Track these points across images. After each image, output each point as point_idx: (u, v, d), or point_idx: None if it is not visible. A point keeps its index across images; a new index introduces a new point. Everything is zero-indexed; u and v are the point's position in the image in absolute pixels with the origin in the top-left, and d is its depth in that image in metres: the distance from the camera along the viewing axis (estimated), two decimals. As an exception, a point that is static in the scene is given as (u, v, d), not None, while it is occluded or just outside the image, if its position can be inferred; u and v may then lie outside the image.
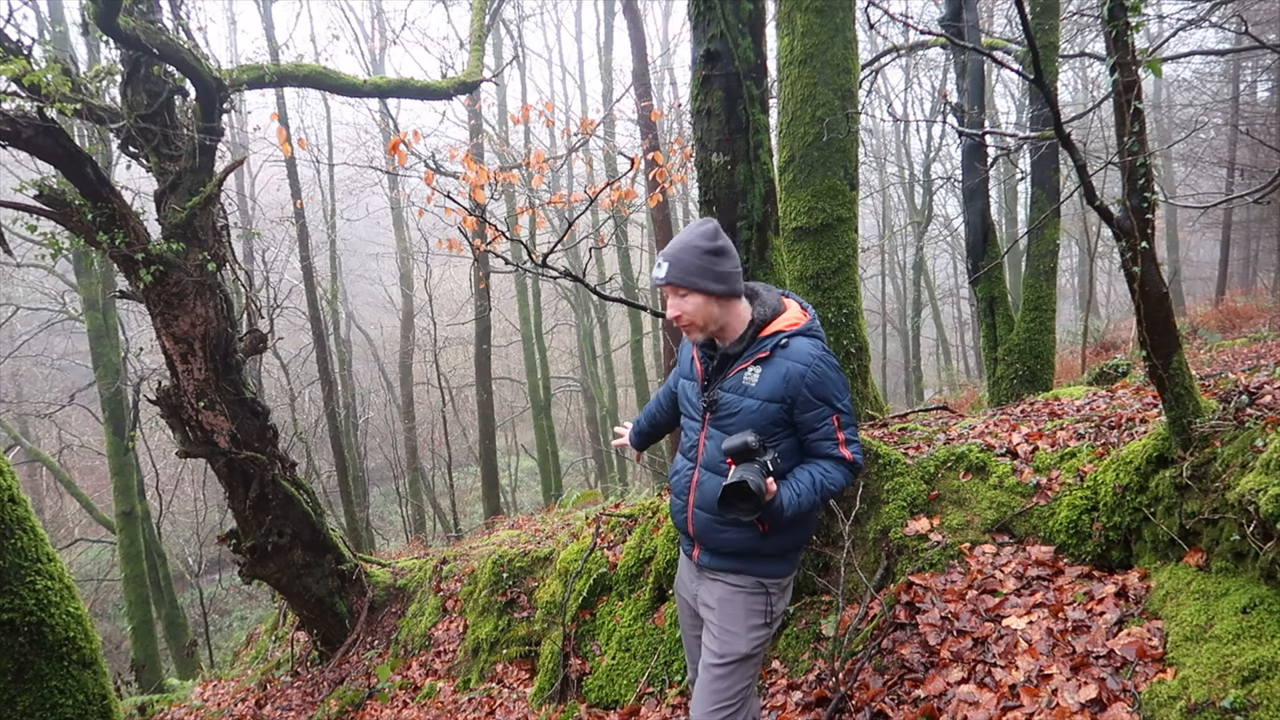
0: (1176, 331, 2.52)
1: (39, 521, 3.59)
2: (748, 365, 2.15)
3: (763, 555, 2.21)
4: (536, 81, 39.59)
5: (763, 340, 2.15)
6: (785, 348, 2.12)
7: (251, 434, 5.66)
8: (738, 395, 2.16)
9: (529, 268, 4.56)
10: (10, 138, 4.36)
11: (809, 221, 4.71)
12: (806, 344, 2.13)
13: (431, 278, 19.99)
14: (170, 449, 7.60)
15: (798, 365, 2.10)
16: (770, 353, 2.13)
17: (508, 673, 4.76)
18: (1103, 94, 8.29)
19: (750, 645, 2.20)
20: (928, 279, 22.87)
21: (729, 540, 2.20)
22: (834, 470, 2.13)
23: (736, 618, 2.21)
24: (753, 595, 2.21)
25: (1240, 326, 13.70)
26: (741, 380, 2.16)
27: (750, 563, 2.21)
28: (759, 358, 2.14)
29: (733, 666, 2.19)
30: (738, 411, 2.15)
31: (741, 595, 2.21)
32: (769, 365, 2.12)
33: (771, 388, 2.11)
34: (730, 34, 3.24)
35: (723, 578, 2.25)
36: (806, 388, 2.09)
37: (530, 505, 21.54)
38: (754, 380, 2.13)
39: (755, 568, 2.21)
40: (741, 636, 2.20)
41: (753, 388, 2.13)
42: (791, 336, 2.14)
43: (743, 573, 2.21)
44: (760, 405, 2.12)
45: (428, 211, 6.92)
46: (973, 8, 6.57)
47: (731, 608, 2.22)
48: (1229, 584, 2.31)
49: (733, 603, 2.22)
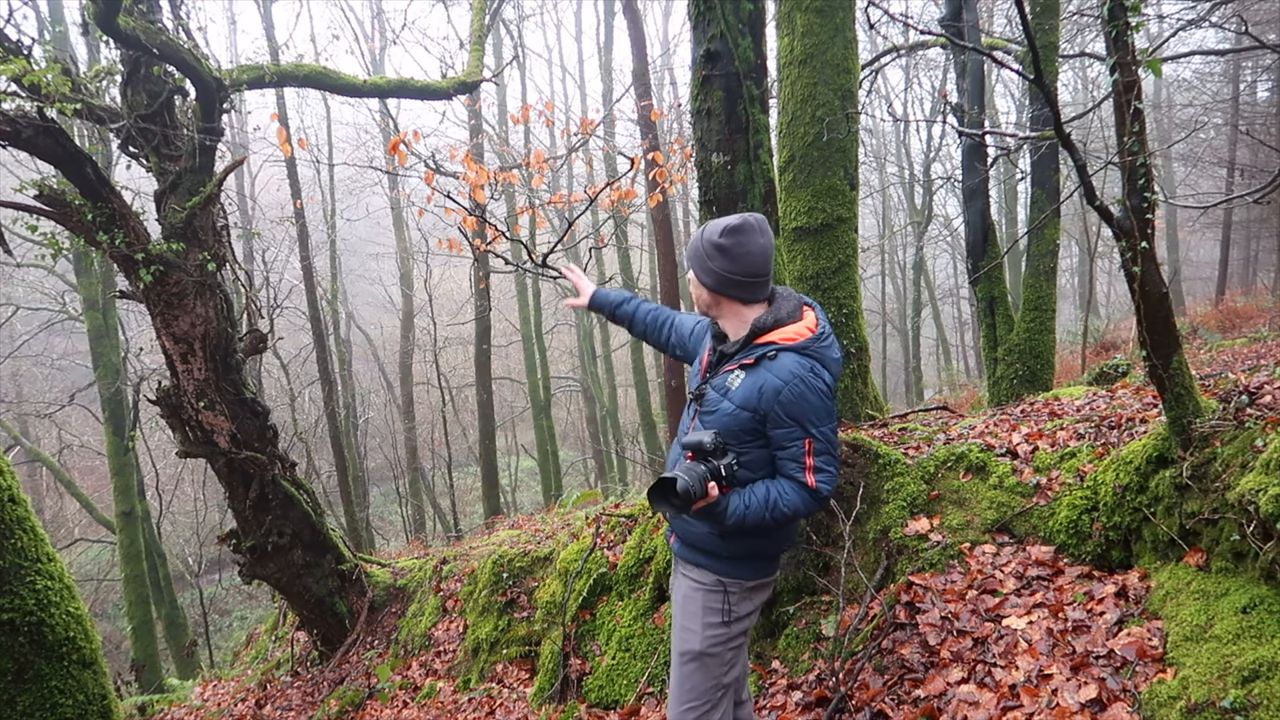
0: (1176, 331, 2.52)
1: (39, 521, 3.59)
2: (734, 368, 2.16)
3: (722, 556, 2.22)
4: (536, 81, 39.60)
5: (754, 347, 2.14)
6: (772, 359, 2.09)
7: (251, 434, 5.66)
8: (719, 395, 2.17)
9: (529, 268, 4.56)
10: (10, 138, 4.36)
11: (809, 221, 4.72)
12: (793, 361, 2.08)
13: (431, 278, 19.99)
14: (170, 449, 7.60)
15: (775, 380, 2.06)
16: (755, 361, 2.12)
17: (508, 673, 4.76)
18: (1103, 94, 8.28)
19: (704, 643, 2.20)
20: (928, 279, 22.87)
21: (692, 533, 2.25)
22: (791, 493, 2.07)
23: (694, 614, 2.24)
24: (711, 593, 2.22)
25: (1240, 326, 13.70)
26: (725, 381, 2.17)
27: (710, 559, 2.23)
28: (744, 364, 2.14)
29: (693, 664, 2.21)
30: (715, 411, 2.17)
31: (701, 592, 2.24)
32: (751, 373, 2.12)
33: (745, 396, 2.10)
34: (730, 34, 3.24)
35: (687, 571, 2.29)
36: (779, 405, 2.05)
37: (530, 505, 21.54)
38: (735, 384, 2.14)
39: (714, 565, 2.23)
40: (696, 633, 2.22)
41: (731, 391, 2.14)
42: (782, 350, 2.10)
43: (703, 568, 2.24)
44: (734, 410, 2.12)
45: (428, 211, 6.92)
46: (973, 8, 6.57)
47: (690, 604, 2.25)
48: (1229, 584, 2.31)
49: (691, 599, 2.25)
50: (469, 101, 12.23)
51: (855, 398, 4.68)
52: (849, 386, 4.67)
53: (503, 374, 23.71)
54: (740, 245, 2.11)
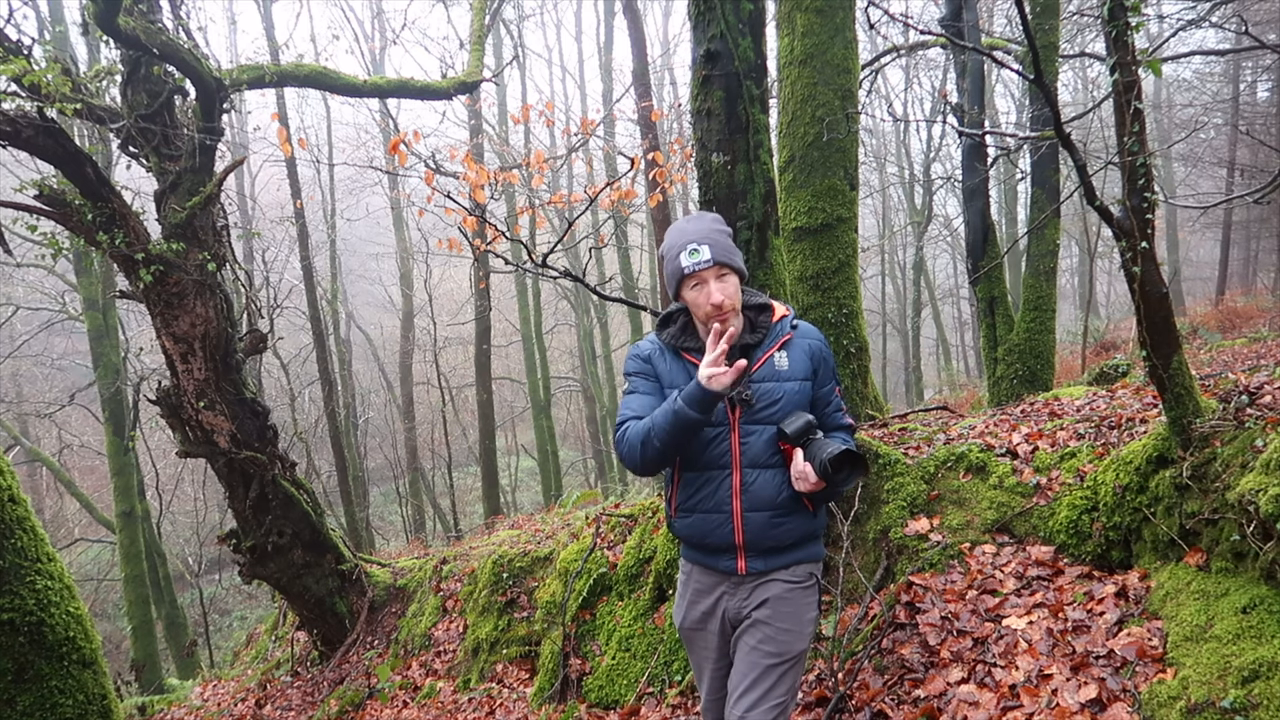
0: (1176, 331, 2.52)
1: (39, 521, 3.59)
2: (773, 351, 2.15)
3: (816, 535, 2.23)
4: (536, 81, 39.62)
5: (777, 325, 2.19)
6: (795, 327, 2.20)
7: (251, 434, 5.66)
8: (775, 382, 2.13)
9: (529, 268, 4.56)
10: (10, 138, 4.36)
11: (809, 221, 4.72)
12: (805, 325, 2.24)
13: (431, 278, 19.99)
14: (170, 449, 7.60)
15: (813, 342, 2.19)
16: (791, 334, 2.18)
17: (508, 673, 4.76)
18: (1103, 94, 8.29)
19: (807, 640, 2.19)
20: (928, 279, 22.85)
21: (789, 532, 2.14)
22: (850, 439, 2.19)
23: (793, 615, 2.15)
24: (807, 590, 2.20)
25: (1240, 326, 13.71)
26: (774, 367, 2.14)
27: (809, 548, 2.20)
28: (784, 340, 2.16)
29: (789, 664, 2.15)
30: (780, 398, 2.11)
31: (798, 591, 2.17)
32: (793, 346, 2.17)
33: (804, 367, 2.15)
34: (730, 34, 3.23)
35: (780, 576, 2.17)
36: (824, 361, 2.19)
37: (530, 505, 21.53)
38: (785, 364, 2.15)
39: (812, 551, 2.22)
40: (800, 633, 2.16)
41: (786, 370, 2.14)
42: (792, 319, 2.22)
43: (801, 562, 2.19)
44: (799, 385, 2.14)
45: (428, 211, 6.92)
46: (973, 8, 6.57)
47: (788, 605, 2.15)
48: (1229, 584, 2.31)
49: (789, 600, 2.16)
50: (469, 101, 12.23)
51: (855, 398, 4.68)
52: (849, 386, 4.67)
53: (503, 374, 23.69)
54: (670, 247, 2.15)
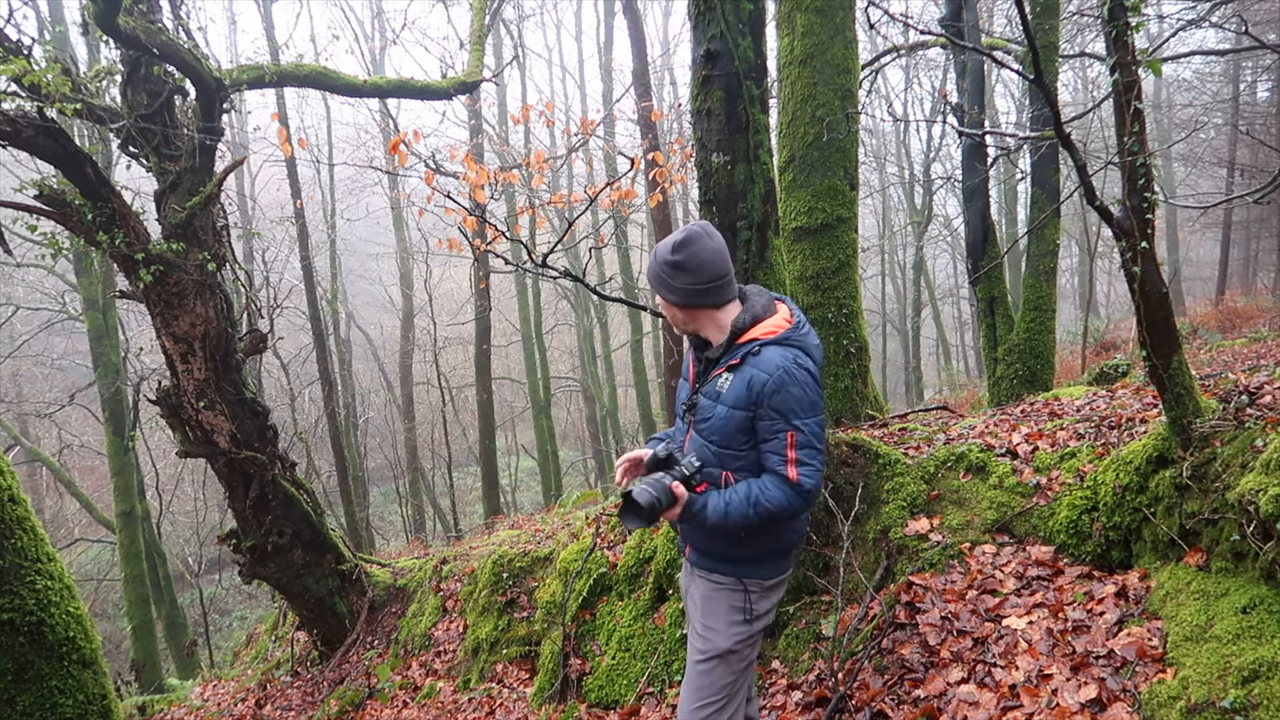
0: (1176, 331, 2.52)
1: (39, 521, 3.59)
2: (722, 371, 2.17)
3: (739, 560, 2.24)
4: (536, 81, 39.62)
5: (738, 347, 2.15)
6: (756, 355, 2.11)
7: (251, 434, 5.66)
8: (712, 401, 2.18)
9: (529, 268, 4.56)
10: (10, 138, 4.36)
11: (809, 221, 4.72)
12: (777, 354, 2.08)
13: (431, 278, 19.99)
14: (170, 449, 7.60)
15: (761, 374, 2.07)
16: (741, 360, 2.12)
17: (508, 673, 4.76)
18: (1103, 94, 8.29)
19: (730, 640, 2.24)
20: (928, 279, 22.85)
21: (714, 545, 2.26)
22: (773, 488, 2.06)
23: (717, 614, 2.26)
24: (733, 592, 2.25)
25: (1240, 326, 13.71)
26: (716, 386, 2.17)
27: (731, 564, 2.26)
28: (731, 364, 2.15)
29: (714, 662, 2.24)
30: (710, 417, 2.18)
31: (722, 592, 2.26)
32: (738, 372, 2.12)
33: (737, 395, 2.11)
34: (730, 34, 3.23)
35: (707, 575, 2.31)
36: (765, 397, 2.06)
37: (530, 505, 21.54)
38: (725, 387, 2.14)
39: (736, 569, 2.25)
40: (721, 632, 2.25)
41: (723, 395, 2.14)
42: (765, 345, 2.11)
43: (724, 572, 2.26)
44: (728, 412, 2.13)
45: (428, 211, 6.92)
46: (973, 8, 6.57)
47: (712, 604, 2.27)
48: (1229, 584, 2.31)
49: (714, 599, 2.27)
50: (469, 101, 12.22)
51: (855, 398, 4.68)
52: (849, 386, 4.67)
53: (503, 374, 23.69)
54: (694, 256, 2.11)
